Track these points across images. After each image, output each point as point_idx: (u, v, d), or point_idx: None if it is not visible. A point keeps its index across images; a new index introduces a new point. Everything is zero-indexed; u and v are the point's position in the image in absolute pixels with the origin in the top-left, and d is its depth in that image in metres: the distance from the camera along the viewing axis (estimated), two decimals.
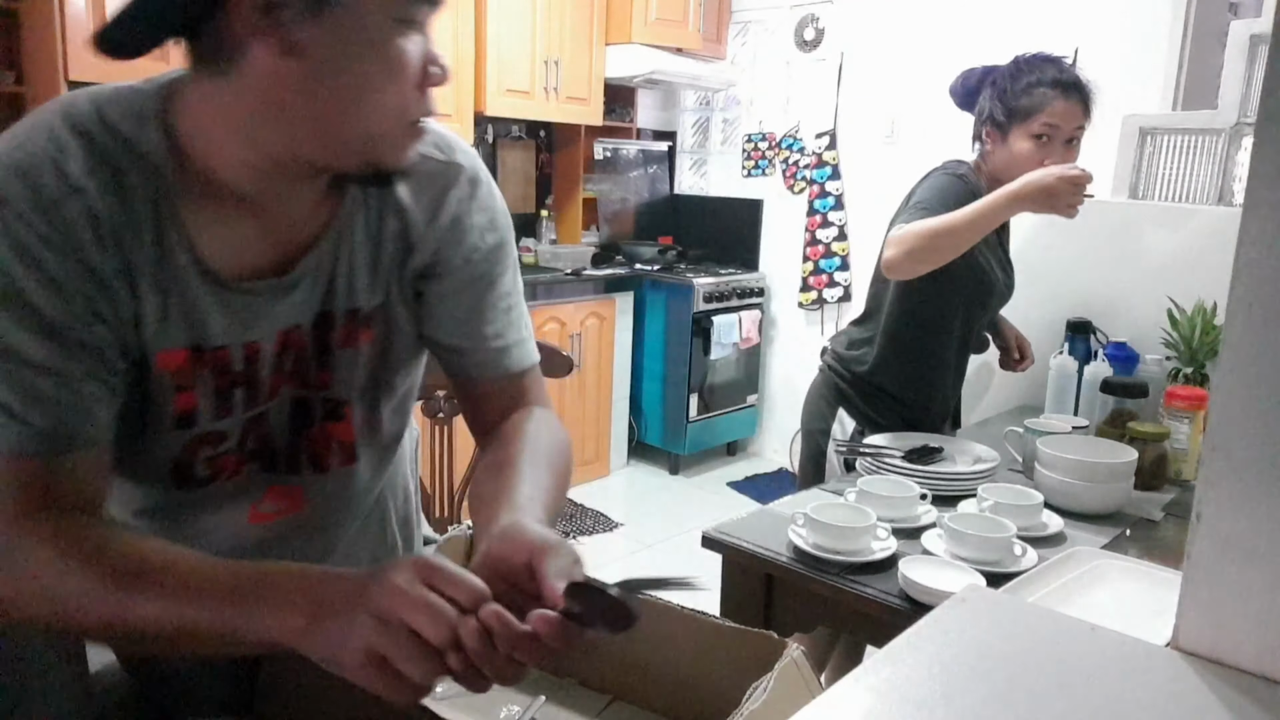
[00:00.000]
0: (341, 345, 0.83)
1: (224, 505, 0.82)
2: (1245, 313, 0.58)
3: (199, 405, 0.76)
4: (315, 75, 0.67)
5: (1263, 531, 0.59)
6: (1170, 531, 1.51)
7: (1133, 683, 0.62)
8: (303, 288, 0.79)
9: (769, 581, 1.39)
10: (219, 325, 0.75)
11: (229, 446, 0.79)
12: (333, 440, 0.85)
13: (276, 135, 0.70)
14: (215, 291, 0.74)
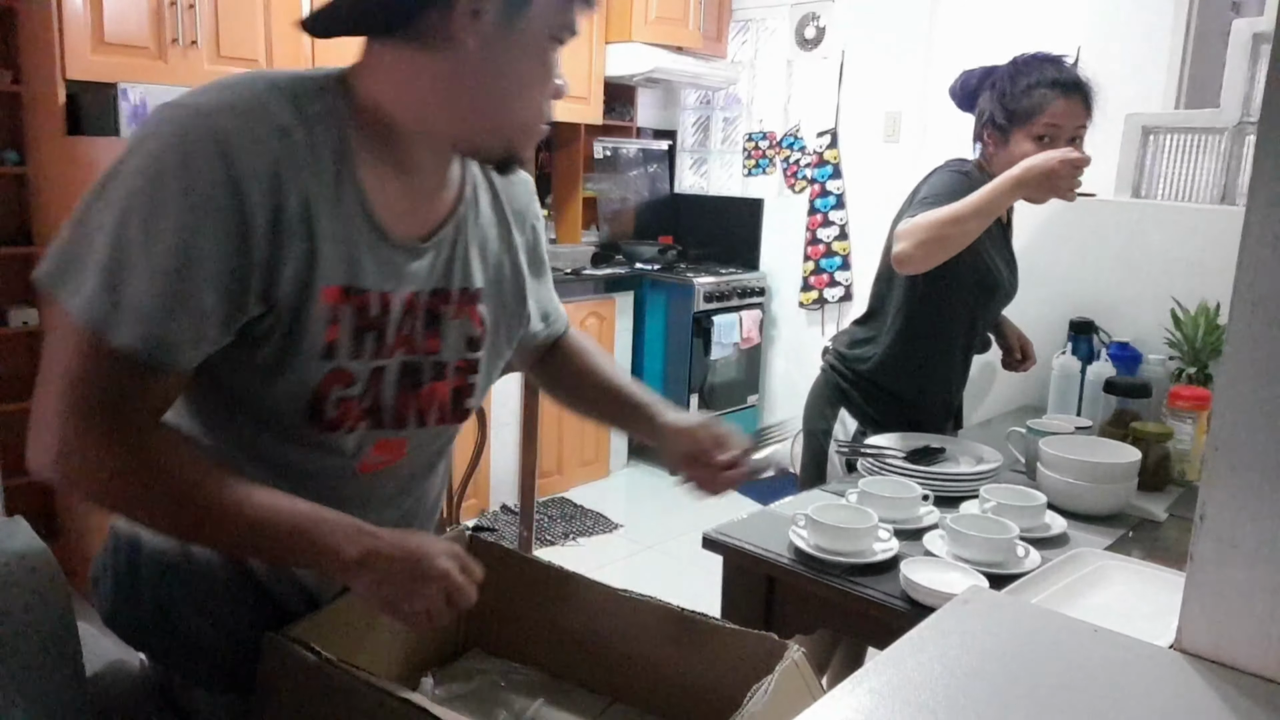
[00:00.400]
0: (453, 317, 0.96)
1: (340, 455, 0.91)
2: (1249, 312, 0.58)
3: (340, 340, 0.86)
4: (494, 68, 0.85)
5: (1266, 532, 0.59)
6: (1174, 532, 1.50)
7: (1136, 684, 0.62)
8: (429, 257, 0.93)
9: (770, 583, 1.38)
10: (368, 272, 0.87)
11: (355, 392, 0.89)
12: (435, 399, 0.97)
13: (451, 109, 0.86)
14: (372, 241, 0.87)
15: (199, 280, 0.77)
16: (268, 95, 0.80)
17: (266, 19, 2.80)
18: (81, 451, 0.78)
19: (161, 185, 0.75)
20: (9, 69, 2.67)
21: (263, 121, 0.79)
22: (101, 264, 0.76)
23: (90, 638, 1.16)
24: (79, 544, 2.82)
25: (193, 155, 0.76)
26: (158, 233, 0.75)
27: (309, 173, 0.81)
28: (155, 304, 0.76)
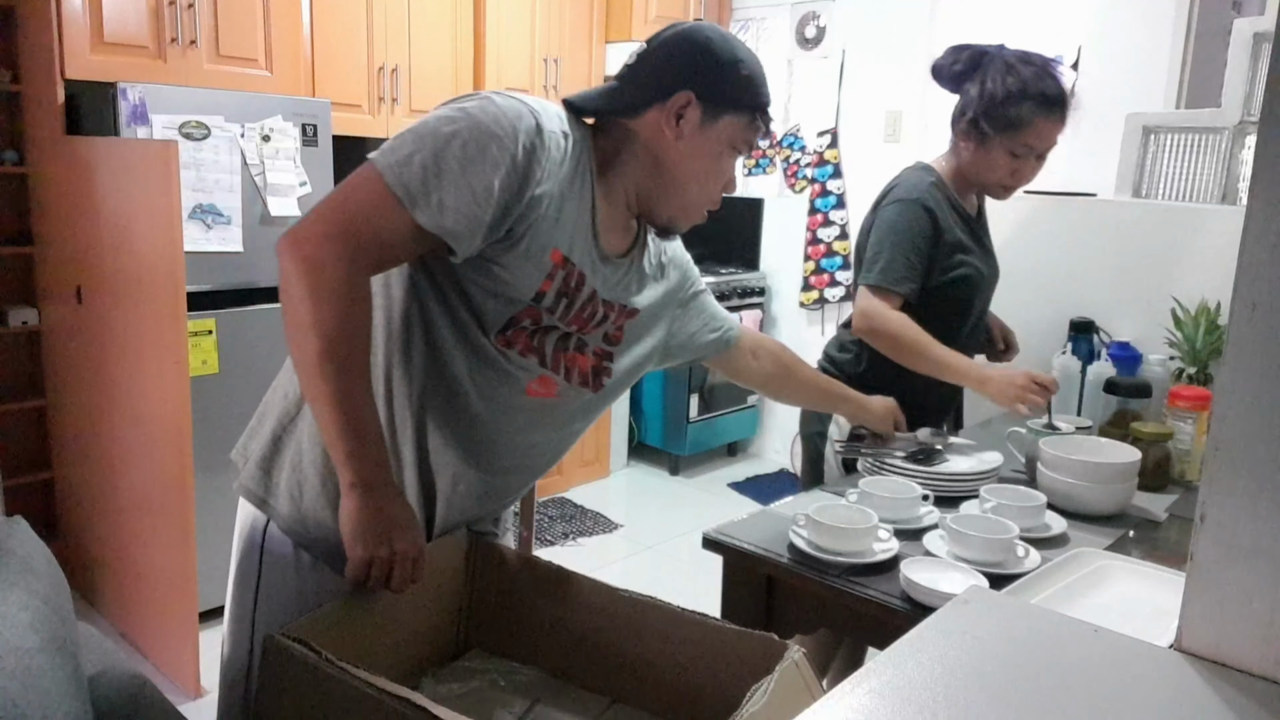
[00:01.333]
0: (614, 321, 1.22)
1: (515, 373, 1.14)
2: (1249, 312, 0.58)
3: (548, 292, 1.11)
4: (683, 160, 1.14)
5: (1267, 532, 0.59)
6: (1174, 533, 1.50)
7: (1136, 684, 0.62)
8: (610, 269, 1.19)
9: (770, 583, 1.38)
10: (580, 255, 1.13)
11: (528, 327, 1.13)
12: (576, 364, 1.19)
13: (645, 179, 1.16)
14: (588, 238, 1.14)
15: (481, 187, 1.01)
16: (554, 110, 1.10)
17: (266, 19, 2.79)
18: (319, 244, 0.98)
19: (489, 136, 1.01)
20: (8, 68, 2.67)
21: (556, 124, 1.08)
22: (422, 160, 1.00)
23: (90, 638, 1.16)
24: (79, 544, 2.82)
25: (511, 122, 1.02)
26: (473, 158, 1.00)
27: (568, 170, 1.09)
28: (452, 204, 1.00)
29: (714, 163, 1.15)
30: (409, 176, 0.99)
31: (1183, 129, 2.43)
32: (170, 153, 2.13)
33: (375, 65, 3.11)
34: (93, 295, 2.51)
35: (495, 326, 1.10)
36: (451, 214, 1.00)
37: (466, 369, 1.11)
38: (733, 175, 1.20)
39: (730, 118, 1.13)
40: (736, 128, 1.13)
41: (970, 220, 1.88)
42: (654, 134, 1.13)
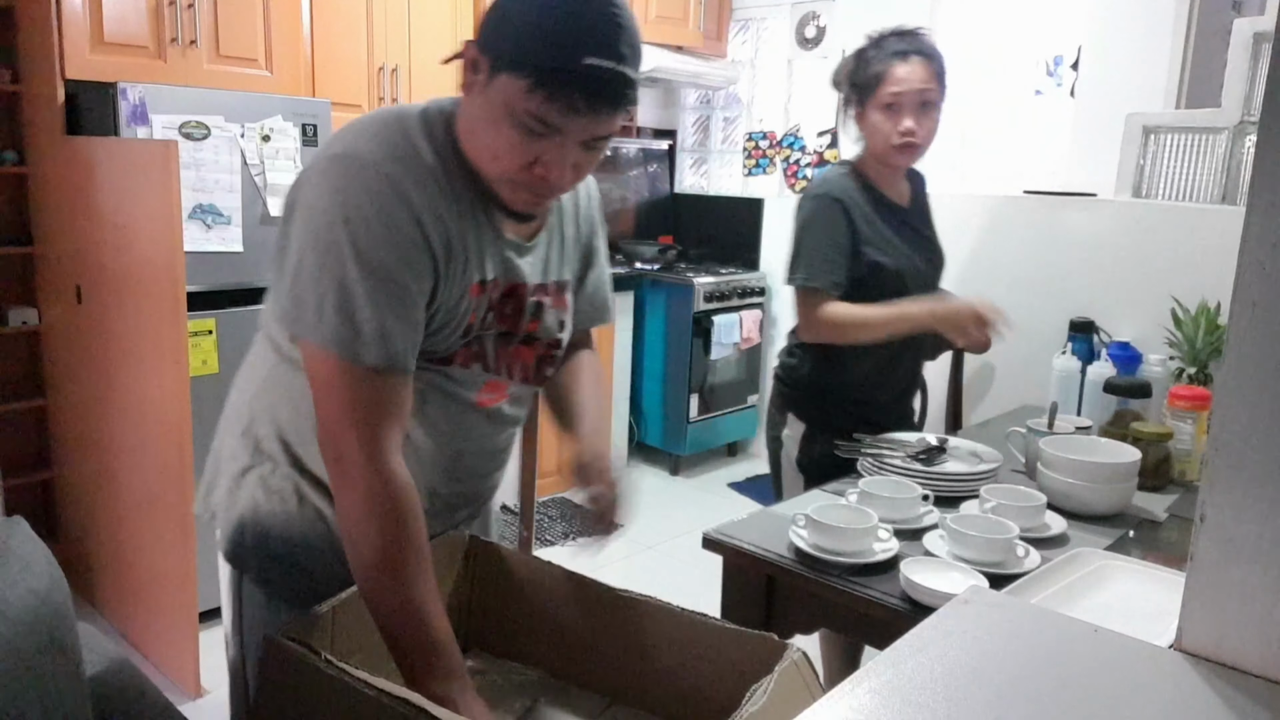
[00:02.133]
0: (552, 306, 1.14)
1: (461, 386, 1.08)
2: (1249, 312, 0.58)
3: (476, 321, 1.04)
4: (472, 123, 0.98)
5: (1267, 532, 0.59)
6: (1174, 533, 1.50)
7: (1136, 685, 0.62)
8: (531, 256, 1.09)
9: (770, 583, 1.38)
10: (492, 265, 1.04)
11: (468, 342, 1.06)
12: (518, 360, 1.13)
13: (470, 149, 0.99)
14: (493, 240, 1.04)
15: (409, 301, 0.95)
16: (410, 136, 0.98)
17: (265, 19, 2.79)
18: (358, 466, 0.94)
19: (368, 232, 0.92)
20: (8, 68, 2.66)
21: (418, 164, 0.96)
22: (335, 305, 0.92)
23: (90, 637, 1.16)
24: (79, 544, 2.82)
25: (381, 204, 0.93)
26: (375, 269, 0.93)
27: (451, 201, 0.98)
28: (390, 326, 0.94)
29: (493, 131, 0.94)
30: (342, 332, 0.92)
31: (1183, 129, 2.43)
32: (170, 153, 2.12)
33: (375, 65, 3.11)
34: (93, 295, 2.51)
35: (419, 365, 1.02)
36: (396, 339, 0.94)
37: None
38: (545, 156, 0.94)
39: (505, 78, 0.91)
40: (512, 92, 0.91)
41: (899, 209, 1.88)
42: (464, 91, 0.99)
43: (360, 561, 0.95)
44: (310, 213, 0.94)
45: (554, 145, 0.94)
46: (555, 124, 0.92)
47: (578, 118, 0.92)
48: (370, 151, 0.95)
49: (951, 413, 2.41)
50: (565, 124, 0.92)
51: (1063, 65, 3.55)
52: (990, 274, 2.52)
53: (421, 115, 1.01)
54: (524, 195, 0.99)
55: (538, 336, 1.13)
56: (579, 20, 0.91)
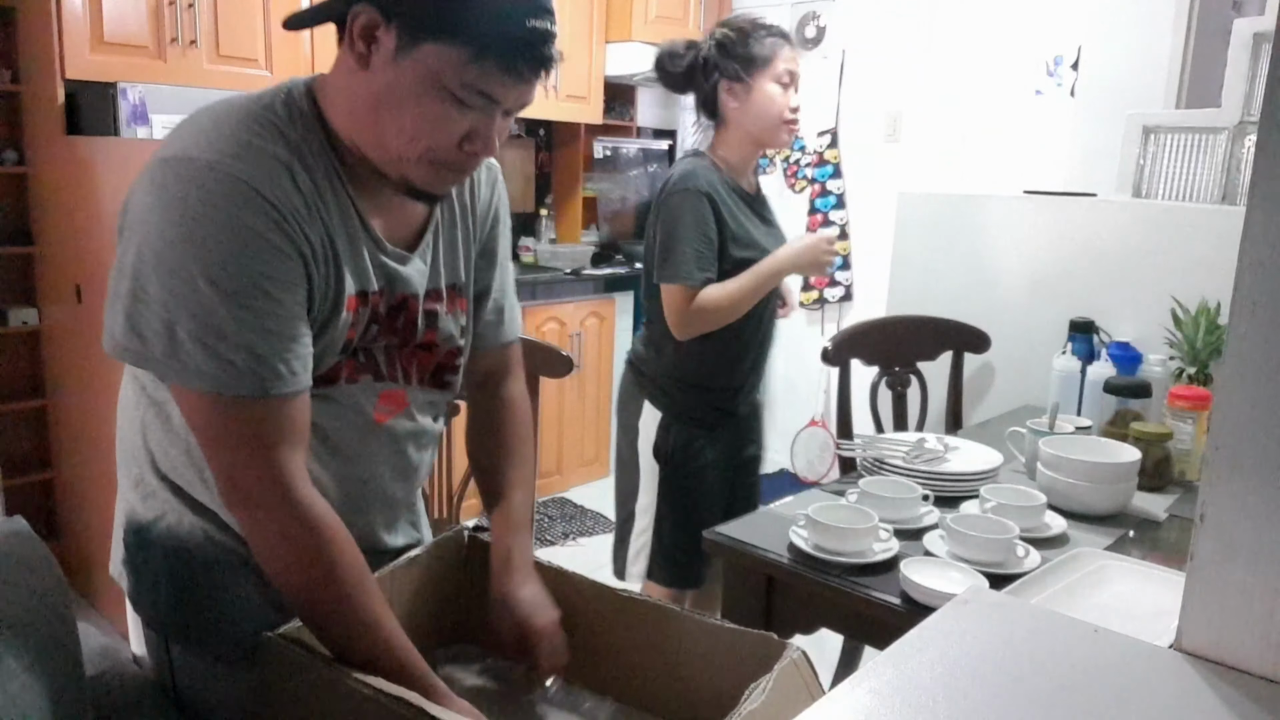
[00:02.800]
0: (447, 312, 1.05)
1: (354, 405, 0.98)
2: (1249, 312, 0.58)
3: (355, 336, 0.95)
4: (383, 95, 0.85)
5: (1266, 532, 0.59)
6: (1174, 533, 1.50)
7: (1136, 685, 0.61)
8: (418, 261, 1.00)
9: (770, 583, 1.38)
10: (374, 277, 0.95)
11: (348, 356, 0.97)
12: (415, 361, 1.04)
13: (359, 128, 0.88)
14: (373, 251, 0.94)
15: (281, 314, 0.84)
16: (256, 130, 0.85)
17: (265, 18, 2.79)
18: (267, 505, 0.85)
19: (216, 247, 0.80)
20: (8, 68, 2.67)
21: (270, 160, 0.84)
22: (190, 334, 0.81)
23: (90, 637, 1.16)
24: (79, 544, 2.82)
25: (225, 212, 0.80)
26: (233, 290, 0.80)
27: (314, 198, 0.87)
28: (263, 350, 0.83)
29: (415, 105, 0.83)
30: (208, 366, 0.81)
31: (1183, 129, 2.43)
32: None
33: None
34: (93, 295, 2.51)
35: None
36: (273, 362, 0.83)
37: None
38: (479, 129, 0.86)
39: (432, 48, 0.81)
40: (446, 62, 0.81)
41: (751, 199, 1.91)
42: (349, 60, 0.86)
43: (294, 604, 0.88)
44: (145, 230, 0.81)
45: (486, 118, 0.86)
46: (495, 95, 0.84)
47: (518, 85, 0.84)
48: (207, 150, 0.82)
49: (951, 413, 2.41)
50: (504, 94, 0.84)
51: (1063, 65, 3.55)
52: (990, 274, 2.52)
53: (271, 104, 0.88)
54: (443, 174, 0.89)
55: (436, 344, 1.04)
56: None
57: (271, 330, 0.83)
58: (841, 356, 2.25)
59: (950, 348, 2.40)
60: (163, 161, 0.83)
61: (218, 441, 0.85)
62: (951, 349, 2.40)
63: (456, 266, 1.06)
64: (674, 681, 1.04)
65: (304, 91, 0.90)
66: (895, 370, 2.31)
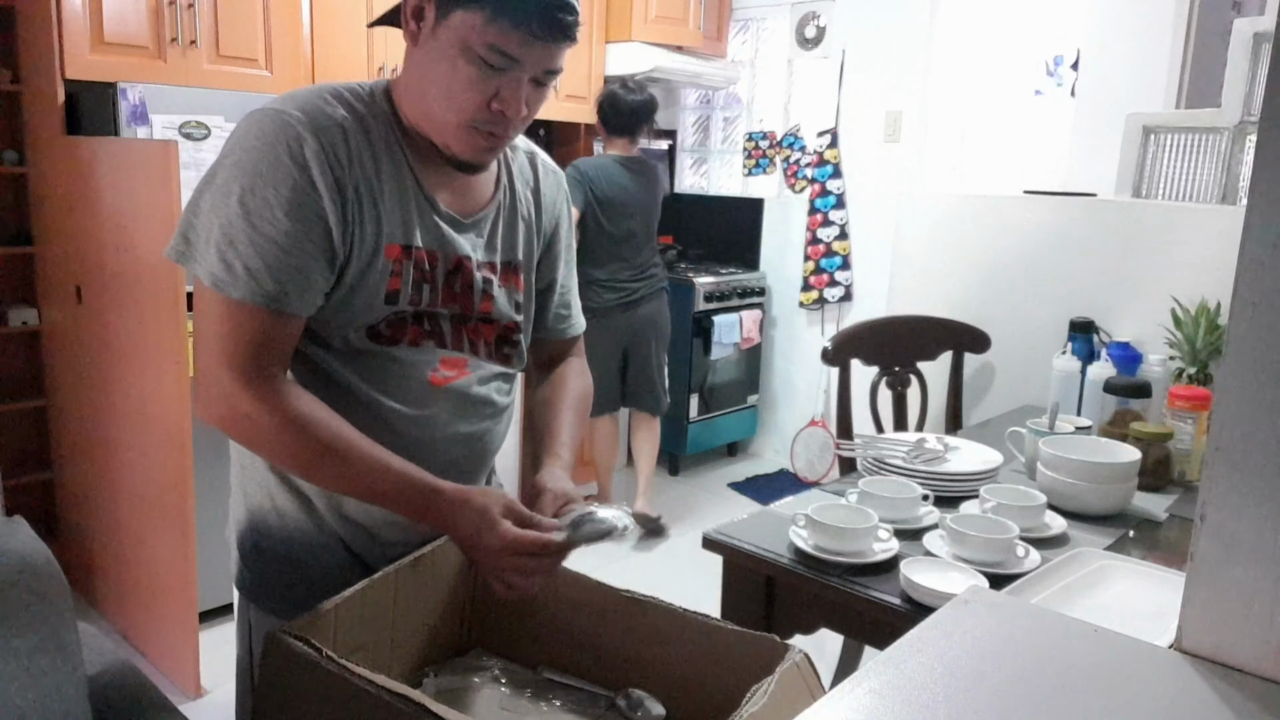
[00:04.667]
0: (501, 284, 1.12)
1: (413, 366, 1.06)
2: (1249, 312, 0.58)
3: (401, 289, 1.02)
4: (420, 68, 0.99)
5: (1266, 532, 0.59)
6: (1174, 532, 1.50)
7: (1136, 684, 0.62)
8: (473, 233, 1.08)
9: (770, 583, 1.38)
10: (423, 235, 1.04)
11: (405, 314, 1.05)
12: (481, 335, 1.11)
13: (410, 101, 1.01)
14: (424, 210, 1.04)
15: (292, 242, 0.94)
16: (326, 97, 0.99)
17: (265, 18, 2.79)
18: (233, 395, 0.94)
19: (253, 173, 0.94)
20: (8, 68, 2.67)
21: (321, 115, 0.97)
22: (215, 240, 0.94)
23: (90, 638, 1.16)
24: (79, 544, 2.82)
25: (271, 147, 0.94)
26: (253, 210, 0.93)
27: (366, 155, 0.99)
28: (260, 265, 0.93)
29: (450, 70, 0.95)
30: (215, 267, 0.94)
31: (1183, 129, 2.43)
32: (170, 153, 2.12)
33: (375, 65, 3.11)
34: (93, 295, 2.51)
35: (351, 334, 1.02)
36: (266, 277, 0.94)
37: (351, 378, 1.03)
38: (504, 90, 0.96)
39: (460, 14, 0.93)
40: (468, 27, 0.93)
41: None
42: (408, 43, 1.00)
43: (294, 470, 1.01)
44: (220, 155, 0.98)
45: (511, 79, 0.96)
46: (514, 54, 0.94)
47: (535, 44, 0.94)
48: (281, 104, 0.97)
49: (951, 413, 2.41)
50: (523, 53, 0.94)
51: (1063, 65, 3.55)
52: (990, 274, 2.52)
53: (350, 86, 1.03)
54: (478, 140, 1.00)
55: (493, 318, 1.11)
56: None
57: (276, 257, 0.94)
58: (841, 356, 2.25)
59: (950, 348, 2.40)
60: (254, 112, 0.98)
61: (208, 331, 0.96)
62: (951, 349, 2.40)
63: (515, 246, 1.13)
64: (674, 682, 1.04)
65: (384, 89, 1.04)
66: (895, 370, 2.31)
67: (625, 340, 3.32)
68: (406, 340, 1.04)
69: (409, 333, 1.04)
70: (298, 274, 0.95)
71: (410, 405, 1.06)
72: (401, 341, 1.04)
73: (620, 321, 3.27)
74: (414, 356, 1.05)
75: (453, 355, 1.08)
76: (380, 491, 0.98)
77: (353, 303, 1.00)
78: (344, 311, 1.00)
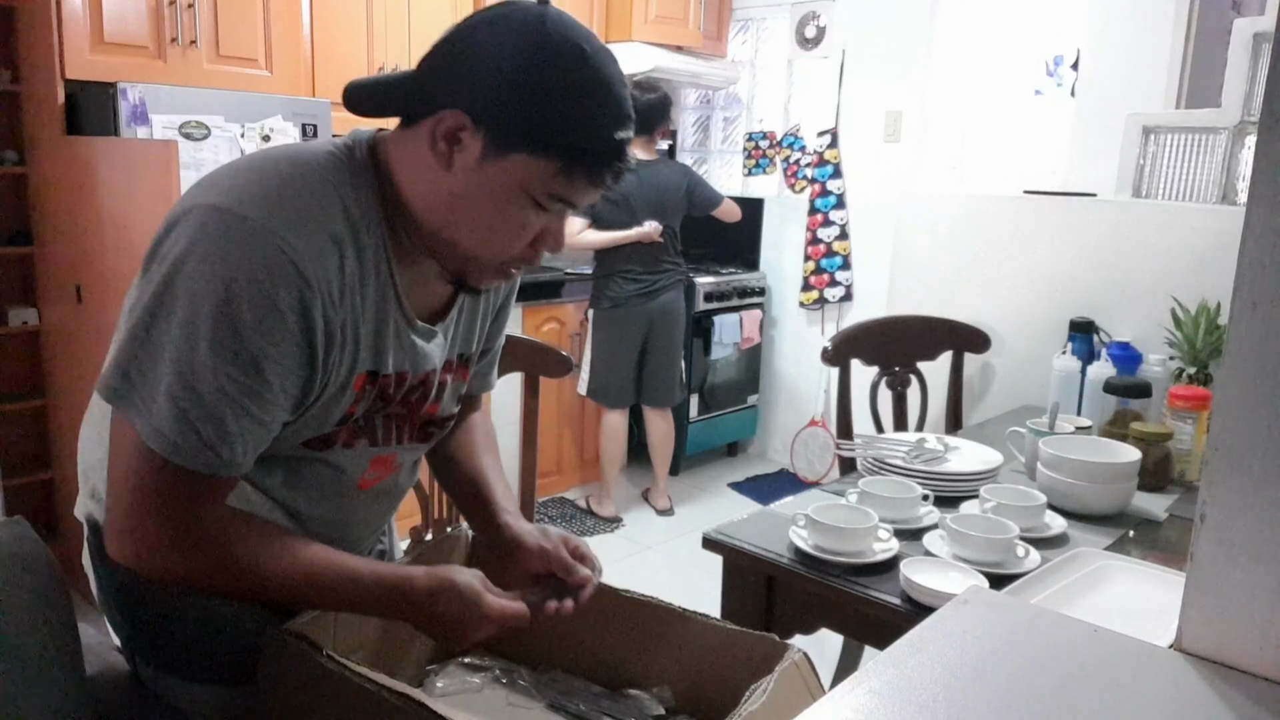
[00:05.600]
0: (452, 381, 1.04)
1: (342, 471, 0.96)
2: (1249, 312, 0.58)
3: (356, 411, 0.93)
4: (461, 196, 0.85)
5: (1266, 532, 0.59)
6: (1174, 533, 1.50)
7: (1136, 684, 0.62)
8: (440, 337, 0.99)
9: (770, 583, 1.38)
10: (391, 358, 0.92)
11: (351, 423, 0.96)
12: (405, 426, 1.02)
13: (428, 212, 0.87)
14: (400, 329, 0.92)
15: (266, 402, 0.81)
16: (319, 197, 0.82)
17: (265, 18, 2.79)
18: (162, 553, 0.82)
19: (232, 309, 0.76)
20: (8, 68, 2.66)
21: (321, 233, 0.81)
22: (170, 389, 0.78)
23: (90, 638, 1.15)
24: (79, 544, 2.81)
25: (262, 287, 0.77)
26: (228, 358, 0.77)
27: (356, 281, 0.85)
28: (226, 430, 0.79)
29: (496, 211, 0.85)
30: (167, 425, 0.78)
31: (1183, 129, 2.43)
32: (170, 153, 2.12)
33: (375, 65, 3.11)
34: (93, 295, 2.51)
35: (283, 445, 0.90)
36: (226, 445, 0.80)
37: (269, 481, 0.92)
38: (551, 228, 0.88)
39: (524, 158, 0.81)
40: (534, 172, 0.82)
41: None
42: (428, 154, 0.84)
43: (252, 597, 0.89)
44: (174, 271, 0.77)
45: (556, 218, 0.88)
46: (575, 201, 0.86)
47: (596, 191, 0.86)
48: (265, 213, 0.78)
49: (951, 413, 2.41)
50: (584, 199, 0.86)
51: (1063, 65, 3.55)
52: (990, 274, 2.52)
53: (340, 165, 0.86)
54: (505, 274, 0.92)
55: (436, 415, 1.04)
56: (606, 95, 0.82)
57: (248, 411, 0.80)
58: (841, 356, 2.25)
59: (950, 348, 2.40)
60: (216, 210, 0.79)
61: (140, 493, 0.81)
62: (951, 349, 2.40)
63: (470, 338, 1.06)
64: (674, 682, 1.04)
65: (367, 152, 0.89)
66: (895, 370, 2.31)
67: (645, 329, 3.43)
68: (340, 443, 0.94)
69: (342, 435, 0.93)
70: (260, 431, 0.82)
71: (332, 512, 0.98)
72: (334, 445, 0.93)
73: (641, 311, 3.38)
74: (346, 460, 0.96)
75: (384, 453, 0.99)
76: (349, 602, 0.89)
77: (301, 430, 0.90)
78: (287, 435, 0.89)
